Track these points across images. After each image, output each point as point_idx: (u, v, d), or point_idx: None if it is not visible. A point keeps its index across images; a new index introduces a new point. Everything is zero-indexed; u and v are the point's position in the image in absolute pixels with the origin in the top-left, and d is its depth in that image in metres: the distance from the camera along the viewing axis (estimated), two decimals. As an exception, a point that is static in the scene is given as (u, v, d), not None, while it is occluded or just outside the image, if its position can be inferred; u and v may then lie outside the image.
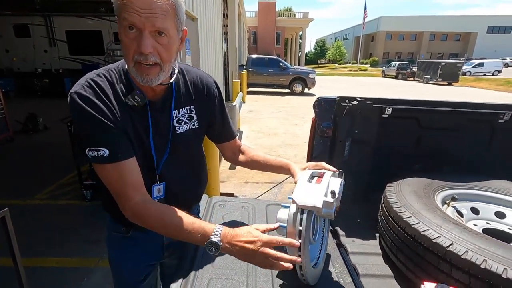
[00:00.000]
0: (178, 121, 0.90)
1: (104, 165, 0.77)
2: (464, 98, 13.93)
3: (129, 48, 0.71)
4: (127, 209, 0.79)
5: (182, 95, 0.91)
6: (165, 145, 0.89)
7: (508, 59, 35.45)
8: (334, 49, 48.49)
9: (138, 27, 0.68)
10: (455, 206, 1.12)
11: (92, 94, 0.76)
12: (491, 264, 0.70)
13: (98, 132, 0.76)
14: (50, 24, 11.27)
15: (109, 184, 0.79)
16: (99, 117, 0.75)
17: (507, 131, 1.35)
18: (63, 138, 3.15)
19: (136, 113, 0.82)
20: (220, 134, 1.08)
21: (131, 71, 0.76)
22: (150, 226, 0.80)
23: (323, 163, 0.95)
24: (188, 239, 0.77)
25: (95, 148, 0.75)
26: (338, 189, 0.79)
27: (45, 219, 2.93)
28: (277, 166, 1.04)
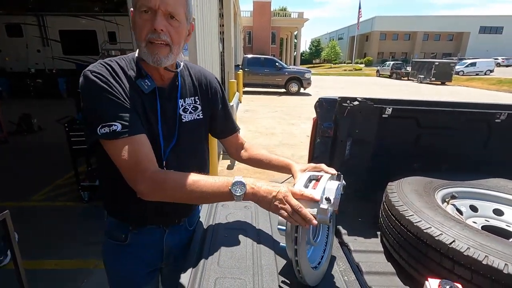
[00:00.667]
0: (184, 110, 0.94)
1: (116, 141, 0.76)
2: (458, 97, 14.13)
3: (142, 28, 0.77)
4: (144, 181, 0.77)
5: (187, 86, 0.96)
6: (172, 132, 0.91)
7: (499, 59, 36.00)
8: (329, 49, 48.71)
9: (154, 9, 0.76)
10: (455, 204, 1.15)
11: (105, 72, 0.79)
12: (493, 260, 0.72)
13: (110, 107, 0.77)
14: (43, 24, 11.15)
15: (122, 160, 0.77)
16: (113, 92, 0.77)
17: (503, 130, 1.38)
18: (58, 139, 3.13)
19: (146, 98, 0.85)
20: (223, 128, 1.10)
21: (143, 53, 0.81)
22: (169, 192, 0.79)
23: (322, 165, 0.95)
24: (212, 191, 0.77)
25: (107, 123, 0.75)
26: (334, 194, 0.78)
27: (42, 221, 2.91)
28: (279, 165, 1.05)
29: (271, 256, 0.96)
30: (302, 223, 0.72)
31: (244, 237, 1.06)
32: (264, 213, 1.25)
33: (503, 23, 46.63)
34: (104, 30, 11.09)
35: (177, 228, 1.04)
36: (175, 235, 1.04)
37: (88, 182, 3.24)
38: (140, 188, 0.78)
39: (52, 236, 2.68)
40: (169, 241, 1.03)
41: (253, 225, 1.15)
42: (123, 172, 0.79)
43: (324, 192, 0.78)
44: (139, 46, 0.82)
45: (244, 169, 4.52)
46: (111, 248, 1.01)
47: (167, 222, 1.01)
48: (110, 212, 1.00)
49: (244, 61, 13.85)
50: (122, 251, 0.99)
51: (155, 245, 1.01)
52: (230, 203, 1.32)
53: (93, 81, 0.77)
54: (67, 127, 2.98)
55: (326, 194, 0.77)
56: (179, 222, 1.04)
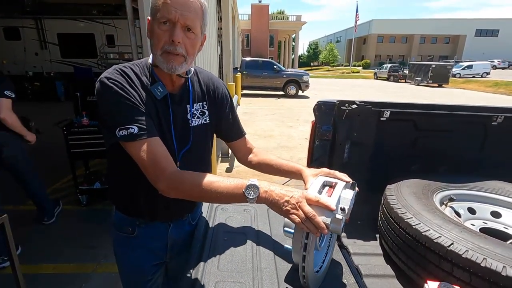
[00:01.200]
0: (192, 115, 0.97)
1: (135, 143, 0.81)
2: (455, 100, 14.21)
3: (160, 38, 0.82)
4: (163, 180, 0.81)
5: (196, 92, 1.00)
6: (186, 137, 0.96)
7: (495, 61, 36.32)
8: (327, 52, 48.96)
9: (173, 21, 0.80)
10: (453, 206, 1.15)
11: (121, 79, 0.83)
12: (491, 263, 0.72)
13: (127, 111, 0.81)
14: (41, 27, 11.13)
15: (142, 160, 0.81)
16: (129, 97, 0.82)
17: (500, 133, 1.39)
18: (56, 143, 3.11)
19: (159, 104, 0.89)
20: (230, 132, 1.12)
21: (158, 60, 0.85)
22: (187, 191, 0.83)
23: (336, 172, 0.92)
24: (226, 192, 0.79)
25: (125, 126, 0.80)
26: (349, 204, 0.76)
27: (39, 224, 2.89)
28: (290, 171, 1.05)
29: (270, 259, 0.97)
30: (314, 231, 0.71)
31: (243, 241, 1.06)
32: (264, 216, 1.25)
33: (499, 26, 47.10)
34: (103, 33, 11.09)
35: (181, 223, 1.09)
36: (179, 229, 1.09)
37: (87, 185, 3.23)
38: (160, 186, 0.82)
39: (50, 240, 2.66)
40: (173, 235, 1.07)
41: (252, 228, 1.15)
42: (144, 170, 0.83)
43: (339, 201, 0.77)
44: (154, 54, 0.86)
45: (243, 172, 4.52)
46: (120, 240, 1.05)
47: (173, 217, 1.05)
48: (119, 208, 1.03)
49: (242, 64, 13.89)
50: (130, 243, 1.04)
51: (160, 238, 1.06)
52: (229, 207, 1.33)
53: (110, 87, 0.81)
54: (65, 130, 2.97)
55: (341, 204, 0.76)
56: (183, 217, 1.09)
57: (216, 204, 1.33)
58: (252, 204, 1.38)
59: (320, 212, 0.73)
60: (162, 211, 1.00)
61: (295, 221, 0.73)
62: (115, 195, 1.03)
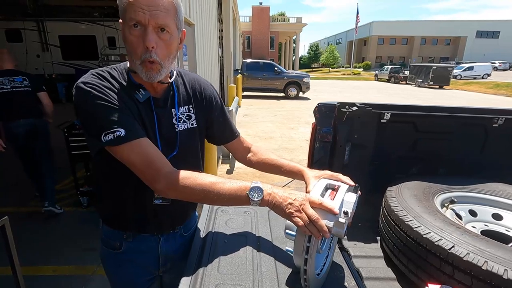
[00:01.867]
0: (178, 119, 0.93)
1: (123, 146, 0.76)
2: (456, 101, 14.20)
3: (136, 45, 0.76)
4: (161, 180, 0.77)
5: (181, 95, 0.95)
6: (173, 142, 0.91)
7: (496, 63, 36.30)
8: (327, 53, 49.00)
9: (143, 24, 0.74)
10: (454, 208, 1.15)
11: (98, 81, 0.79)
12: (492, 266, 0.72)
13: (110, 114, 0.75)
14: (43, 29, 11.19)
15: (134, 163, 0.78)
16: (109, 99, 0.76)
17: (501, 135, 1.39)
18: (58, 144, 3.12)
19: (142, 107, 0.85)
20: (223, 134, 1.09)
21: (137, 68, 0.79)
22: (187, 192, 0.79)
23: (339, 175, 0.90)
24: (229, 194, 0.77)
25: (110, 130, 0.74)
26: (352, 208, 0.76)
27: (40, 226, 2.89)
28: (291, 171, 1.03)
29: (271, 262, 0.96)
30: (316, 234, 0.71)
31: (244, 243, 1.05)
32: (264, 218, 1.25)
33: (500, 28, 47.09)
34: (104, 35, 11.14)
35: (172, 235, 1.04)
36: (170, 242, 1.04)
37: (87, 187, 3.23)
38: (158, 187, 0.78)
39: (51, 241, 2.66)
40: (165, 249, 1.03)
41: (253, 231, 1.15)
42: (139, 174, 0.79)
43: (342, 204, 0.77)
44: (132, 61, 0.80)
45: (243, 174, 4.52)
46: (108, 255, 1.01)
47: (161, 230, 1.01)
48: (105, 220, 1.00)
49: (243, 65, 13.92)
50: (119, 258, 0.99)
51: (150, 252, 1.01)
52: (230, 209, 1.32)
53: (88, 91, 0.76)
54: (66, 132, 2.97)
55: (344, 207, 0.76)
56: (174, 230, 1.04)
57: (217, 206, 1.33)
58: (253, 206, 1.38)
59: (323, 215, 0.72)
60: (151, 220, 0.96)
61: (298, 224, 0.72)
62: (101, 206, 0.99)
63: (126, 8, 0.74)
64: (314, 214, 0.71)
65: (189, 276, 0.89)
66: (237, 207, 1.35)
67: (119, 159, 0.78)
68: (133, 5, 0.72)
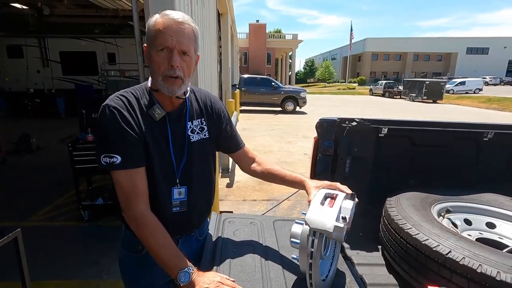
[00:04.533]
0: (192, 131, 1.03)
1: (117, 172, 0.87)
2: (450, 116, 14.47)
3: (160, 65, 0.89)
4: (132, 213, 0.89)
5: (194, 109, 1.06)
6: (182, 152, 1.00)
7: (487, 78, 37.23)
8: (323, 69, 49.91)
9: (170, 48, 0.87)
10: (450, 218, 1.21)
11: (121, 105, 0.90)
12: (486, 269, 0.78)
13: (116, 140, 0.87)
14: (44, 45, 11.37)
15: (120, 189, 0.89)
16: (123, 126, 0.87)
17: (491, 148, 1.48)
18: (58, 159, 3.16)
19: (156, 124, 0.95)
20: (230, 144, 1.18)
21: (159, 84, 0.91)
22: (143, 235, 0.89)
23: (337, 184, 1.00)
24: (164, 259, 0.87)
25: (108, 154, 0.86)
26: (349, 214, 0.84)
27: (41, 241, 2.88)
28: (293, 181, 1.10)
29: (279, 269, 1.01)
30: None
31: (252, 252, 1.10)
32: (270, 229, 1.30)
33: (489, 44, 48.68)
34: (104, 51, 11.34)
35: (189, 238, 1.12)
36: (187, 244, 1.10)
37: (89, 201, 3.24)
38: (126, 217, 0.91)
39: (52, 256, 2.65)
40: (182, 251, 1.08)
41: (260, 240, 1.19)
42: (118, 196, 0.90)
43: (341, 210, 0.84)
44: (155, 79, 0.92)
45: (243, 187, 4.56)
46: (129, 259, 1.07)
47: (181, 232, 1.08)
48: (128, 226, 1.04)
49: (240, 80, 14.15)
50: (139, 262, 1.05)
51: None
52: (236, 220, 1.37)
53: (107, 114, 0.87)
54: (71, 146, 3.02)
55: (342, 213, 0.83)
56: (191, 233, 1.12)
57: (223, 217, 1.38)
58: (258, 217, 1.44)
59: (324, 219, 0.79)
60: (170, 225, 1.02)
61: None
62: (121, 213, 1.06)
63: (156, 35, 0.87)
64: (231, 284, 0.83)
65: None
66: (244, 218, 1.41)
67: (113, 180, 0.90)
68: (163, 33, 0.86)
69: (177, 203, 1.01)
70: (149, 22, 0.90)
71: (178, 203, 1.02)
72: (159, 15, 0.89)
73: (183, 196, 1.02)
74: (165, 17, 0.88)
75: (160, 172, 0.96)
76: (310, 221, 0.81)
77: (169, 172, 0.99)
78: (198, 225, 1.15)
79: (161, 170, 0.96)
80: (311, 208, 0.85)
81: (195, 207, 1.06)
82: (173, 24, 0.87)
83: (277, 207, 3.70)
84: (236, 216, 1.41)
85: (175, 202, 1.01)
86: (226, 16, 9.91)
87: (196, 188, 1.05)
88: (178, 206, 1.02)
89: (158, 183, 0.96)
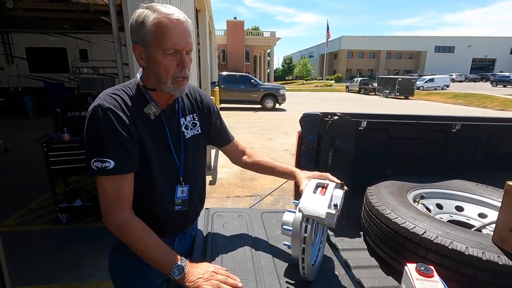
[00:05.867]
0: (186, 127, 1.02)
1: (106, 177, 0.82)
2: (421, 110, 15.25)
3: (169, 68, 0.85)
4: (114, 220, 0.84)
5: (186, 105, 1.04)
6: (179, 149, 0.99)
7: (454, 75, 39.50)
8: (301, 66, 50.68)
9: (178, 50, 0.85)
10: (424, 203, 1.32)
11: (115, 105, 0.84)
12: (456, 245, 0.87)
13: (109, 143, 0.81)
14: (8, 41, 10.68)
15: (105, 193, 0.83)
16: (118, 128, 0.82)
17: (459, 138, 1.61)
18: (29, 161, 3.01)
19: (152, 123, 0.92)
20: (221, 138, 1.19)
21: (167, 87, 0.88)
22: (129, 238, 0.85)
23: (328, 174, 1.04)
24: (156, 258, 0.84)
25: (101, 159, 0.80)
26: (340, 201, 0.89)
27: (18, 246, 2.75)
28: (284, 172, 1.13)
29: (269, 258, 1.06)
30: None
31: (242, 243, 1.14)
32: (258, 220, 1.34)
33: (455, 43, 51.69)
34: (75, 48, 10.83)
35: (184, 235, 1.12)
36: (182, 241, 1.11)
37: (67, 203, 3.13)
38: (109, 223, 0.85)
39: (33, 260, 2.54)
40: (179, 249, 1.08)
41: (249, 232, 1.24)
42: (101, 201, 0.85)
43: (332, 199, 0.89)
44: (163, 82, 0.87)
45: (226, 184, 4.58)
46: (123, 263, 1.04)
47: (179, 231, 1.08)
48: None
49: (220, 78, 14.08)
50: (136, 263, 1.00)
51: None
52: (225, 213, 1.40)
53: (100, 116, 0.81)
54: (45, 147, 2.90)
55: (334, 201, 0.89)
56: (186, 229, 1.12)
57: (212, 211, 1.41)
58: (246, 210, 1.48)
59: (316, 209, 0.84)
60: (171, 226, 1.03)
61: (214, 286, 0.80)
62: None
63: (162, 37, 0.82)
64: (222, 278, 0.83)
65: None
66: (232, 211, 1.44)
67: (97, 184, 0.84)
68: (171, 36, 0.82)
69: (180, 201, 1.00)
70: (145, 20, 0.82)
71: (180, 202, 1.01)
72: (154, 13, 0.82)
73: (185, 195, 1.01)
74: (168, 17, 0.82)
75: (161, 172, 0.94)
76: (304, 208, 0.85)
77: (172, 170, 0.97)
78: (193, 220, 1.16)
79: (161, 169, 0.94)
80: (304, 196, 0.90)
81: (193, 204, 1.06)
82: (179, 25, 0.83)
83: (261, 202, 3.76)
84: (225, 210, 1.44)
85: (178, 201, 1.00)
86: (204, 13, 9.77)
87: (195, 185, 1.05)
88: (180, 205, 1.01)
89: (157, 183, 0.94)
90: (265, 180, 4.56)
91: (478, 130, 1.65)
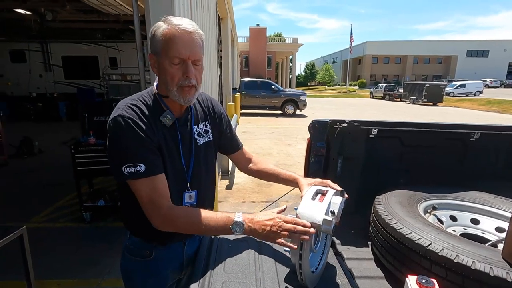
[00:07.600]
0: (198, 134, 1.06)
1: (140, 180, 0.87)
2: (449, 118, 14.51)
3: (174, 76, 0.90)
4: (159, 216, 0.89)
5: (199, 113, 1.08)
6: (190, 156, 1.02)
7: (488, 81, 37.27)
8: (323, 72, 50.17)
9: (184, 59, 0.89)
10: (436, 214, 1.27)
11: (134, 115, 0.89)
12: (462, 259, 0.84)
13: (137, 149, 0.87)
14: (47, 50, 11.52)
15: (142, 196, 0.88)
16: (141, 134, 0.87)
17: (478, 148, 1.53)
18: (59, 162, 3.22)
19: (167, 130, 0.96)
20: (230, 145, 1.22)
21: (173, 95, 0.92)
22: (180, 226, 0.91)
23: (328, 181, 1.05)
24: (215, 228, 0.90)
25: (132, 164, 0.86)
26: (338, 208, 0.90)
27: (43, 241, 2.94)
28: (287, 179, 1.16)
29: (271, 263, 1.07)
30: (302, 237, 0.84)
31: (246, 247, 1.16)
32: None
33: (488, 47, 48.87)
34: (106, 56, 11.47)
35: (193, 239, 1.15)
36: (191, 245, 1.14)
37: (91, 203, 3.30)
38: (155, 223, 0.90)
39: (54, 256, 2.71)
40: (189, 253, 1.13)
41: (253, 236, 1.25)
42: (142, 206, 0.90)
43: (330, 205, 0.90)
44: (168, 89, 0.92)
45: (243, 189, 4.61)
46: (137, 265, 1.07)
47: (187, 235, 1.11)
48: (135, 233, 1.07)
49: (241, 84, 14.26)
50: (149, 267, 1.05)
51: (177, 257, 1.10)
52: None
53: (123, 125, 0.86)
54: (73, 149, 3.09)
55: (332, 208, 0.89)
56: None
57: None
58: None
59: (312, 216, 0.85)
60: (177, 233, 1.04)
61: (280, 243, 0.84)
62: (131, 223, 1.06)
63: (169, 46, 0.87)
64: (291, 226, 0.85)
65: (198, 276, 0.99)
66: None
67: (132, 189, 0.89)
68: (177, 45, 0.86)
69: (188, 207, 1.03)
70: (157, 31, 0.88)
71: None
72: (165, 24, 0.87)
73: (193, 200, 1.04)
74: (176, 28, 0.86)
75: (173, 177, 0.97)
76: (301, 214, 0.87)
77: (180, 176, 1.00)
78: None
79: (173, 175, 0.97)
80: (302, 203, 0.91)
81: (203, 203, 1.07)
82: (185, 35, 0.87)
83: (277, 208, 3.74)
84: None
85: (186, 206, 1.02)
86: (227, 20, 10.03)
87: (204, 190, 1.08)
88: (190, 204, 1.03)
89: (169, 189, 0.96)
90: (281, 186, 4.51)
91: (499, 139, 1.56)
